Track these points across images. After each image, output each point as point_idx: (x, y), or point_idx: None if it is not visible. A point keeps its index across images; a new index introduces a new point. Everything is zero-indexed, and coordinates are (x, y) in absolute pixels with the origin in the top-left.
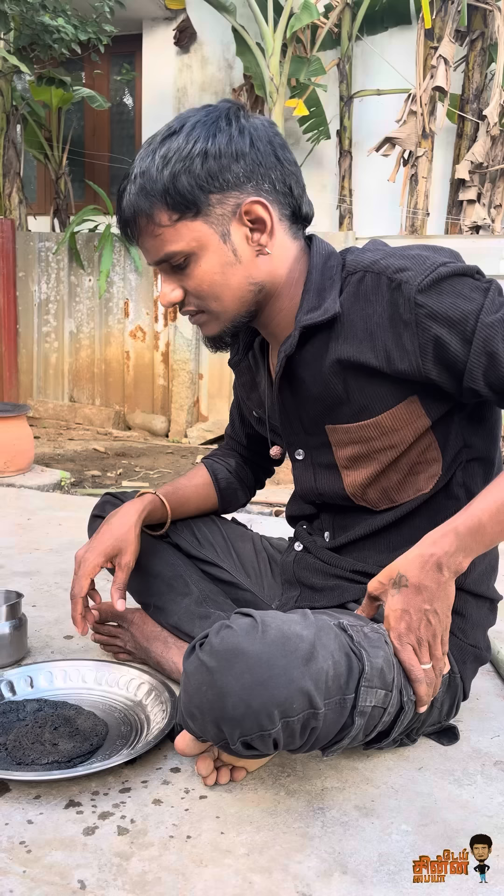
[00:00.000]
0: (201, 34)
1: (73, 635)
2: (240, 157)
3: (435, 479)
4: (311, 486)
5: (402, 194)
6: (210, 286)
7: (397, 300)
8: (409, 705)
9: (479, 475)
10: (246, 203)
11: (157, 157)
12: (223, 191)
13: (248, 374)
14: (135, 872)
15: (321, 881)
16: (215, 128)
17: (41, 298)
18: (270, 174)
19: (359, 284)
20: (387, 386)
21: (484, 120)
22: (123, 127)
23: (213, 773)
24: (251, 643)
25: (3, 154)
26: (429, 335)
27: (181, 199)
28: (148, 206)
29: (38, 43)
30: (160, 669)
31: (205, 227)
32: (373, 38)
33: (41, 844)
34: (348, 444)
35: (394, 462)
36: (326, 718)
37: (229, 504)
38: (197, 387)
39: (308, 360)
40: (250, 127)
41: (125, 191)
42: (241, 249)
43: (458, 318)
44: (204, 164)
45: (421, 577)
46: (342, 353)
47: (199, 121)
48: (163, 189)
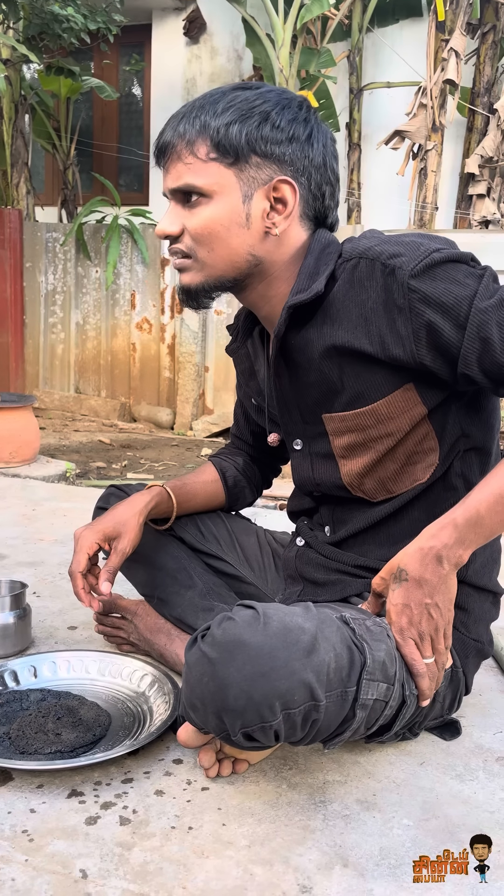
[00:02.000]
0: (211, 25)
1: (77, 626)
2: (293, 140)
3: (432, 468)
4: (308, 475)
5: (410, 188)
6: (209, 234)
7: (391, 285)
8: (412, 699)
9: (476, 465)
10: (279, 179)
11: (223, 99)
12: (265, 157)
13: (247, 361)
14: (136, 862)
15: (322, 874)
16: (287, 102)
17: (48, 289)
18: (311, 172)
19: (353, 271)
20: (382, 373)
21: (494, 114)
22: (132, 118)
23: (216, 765)
24: (253, 635)
25: (11, 144)
26: (422, 320)
27: (227, 142)
28: (193, 135)
29: (48, 32)
30: (163, 661)
31: (233, 178)
32: (383, 30)
33: (43, 833)
34: (345, 432)
35: (390, 451)
36: (328, 711)
37: (236, 502)
38: (202, 379)
39: (302, 345)
40: (315, 124)
41: (179, 114)
42: (255, 219)
43: (451, 303)
44: (262, 124)
45: (421, 570)
46: (337, 339)
47: (274, 90)
48: (215, 126)
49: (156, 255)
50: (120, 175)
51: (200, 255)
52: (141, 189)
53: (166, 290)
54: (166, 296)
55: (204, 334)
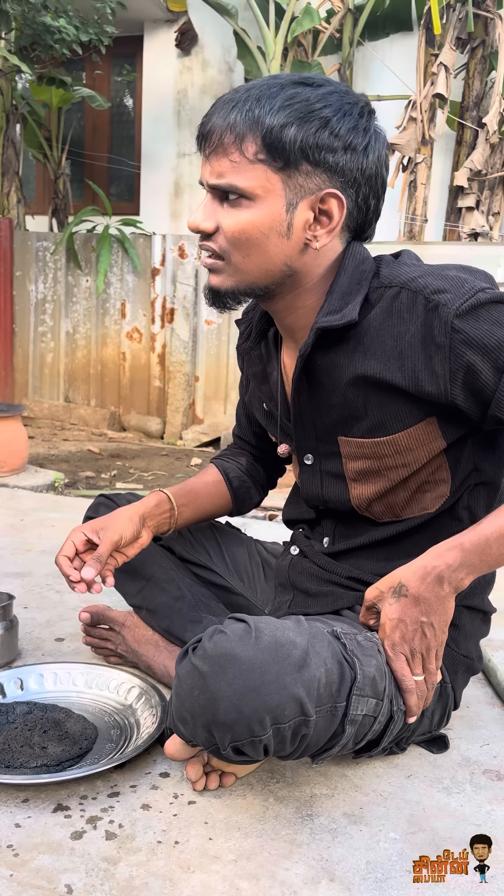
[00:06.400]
0: (202, 37)
1: (64, 637)
2: (349, 150)
3: (442, 499)
4: (317, 492)
5: (400, 200)
6: (247, 239)
7: (432, 322)
8: (399, 715)
9: (483, 499)
10: (328, 191)
11: (281, 94)
12: (317, 165)
13: (260, 363)
14: (122, 878)
15: (308, 888)
16: (349, 108)
17: (38, 298)
18: (361, 184)
19: (393, 301)
20: (407, 406)
21: (483, 128)
22: (123, 128)
23: (203, 779)
24: (244, 649)
25: (2, 153)
26: (462, 361)
27: (280, 145)
28: (244, 129)
29: (40, 43)
30: (151, 673)
31: (279, 184)
32: (374, 44)
33: (28, 848)
34: (360, 458)
35: (403, 480)
36: (317, 726)
37: (243, 503)
38: (193, 389)
39: (329, 367)
40: (374, 133)
41: (231, 100)
42: (296, 229)
43: (493, 345)
44: (320, 130)
45: (421, 588)
46: (368, 370)
47: (338, 91)
48: (269, 124)
49: (146, 265)
50: (111, 185)
51: (234, 260)
52: (132, 199)
53: (157, 299)
54: (157, 305)
55: (194, 344)
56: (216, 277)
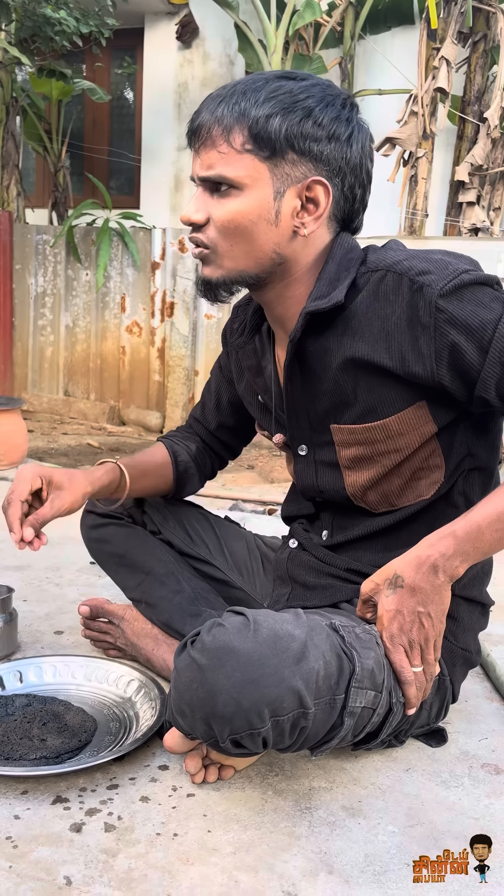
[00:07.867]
0: (203, 30)
1: (64, 630)
2: (333, 139)
3: (437, 485)
4: (312, 482)
5: (401, 195)
6: (236, 227)
7: (417, 303)
8: (398, 707)
9: (478, 485)
10: (313, 179)
11: (266, 87)
12: (302, 154)
13: (254, 357)
14: (121, 869)
15: (307, 881)
16: (331, 99)
17: (37, 291)
18: (346, 173)
19: (379, 283)
20: (396, 389)
21: (484, 122)
22: (123, 121)
23: (202, 771)
24: (243, 642)
25: (1, 146)
26: (446, 341)
27: (265, 134)
28: (231, 121)
29: (40, 35)
30: (150, 666)
31: (266, 173)
32: (375, 38)
33: (28, 840)
34: (352, 444)
35: (397, 466)
36: (316, 718)
37: (183, 488)
38: (192, 383)
39: (320, 352)
40: (357, 124)
41: (219, 96)
42: (284, 217)
43: (476, 326)
44: (303, 120)
45: (416, 578)
46: (356, 352)
47: (320, 84)
48: (255, 115)
49: (146, 259)
50: (111, 178)
51: (223, 249)
52: (132, 192)
53: (156, 293)
54: (156, 299)
55: (194, 338)
56: (207, 268)
